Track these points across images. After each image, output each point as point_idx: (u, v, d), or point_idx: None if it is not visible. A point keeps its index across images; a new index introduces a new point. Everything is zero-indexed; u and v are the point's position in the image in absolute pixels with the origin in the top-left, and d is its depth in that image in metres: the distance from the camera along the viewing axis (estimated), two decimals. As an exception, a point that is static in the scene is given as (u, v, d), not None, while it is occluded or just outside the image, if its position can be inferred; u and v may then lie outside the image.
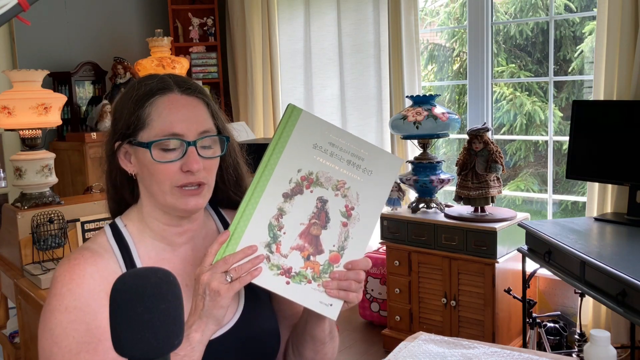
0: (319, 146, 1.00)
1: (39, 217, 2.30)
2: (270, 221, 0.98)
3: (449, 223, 3.00)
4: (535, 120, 4.21)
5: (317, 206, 1.00)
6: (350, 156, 1.01)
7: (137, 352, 0.70)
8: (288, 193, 0.99)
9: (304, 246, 0.99)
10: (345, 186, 1.01)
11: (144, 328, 0.70)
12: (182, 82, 1.08)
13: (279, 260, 0.97)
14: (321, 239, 1.00)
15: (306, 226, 0.99)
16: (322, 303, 0.98)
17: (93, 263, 1.04)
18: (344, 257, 1.00)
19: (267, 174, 0.99)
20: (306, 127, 1.00)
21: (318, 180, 1.00)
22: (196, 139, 1.04)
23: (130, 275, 0.75)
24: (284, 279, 0.97)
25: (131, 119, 1.05)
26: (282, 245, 0.98)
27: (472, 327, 2.96)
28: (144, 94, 1.05)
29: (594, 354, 1.18)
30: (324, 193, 1.00)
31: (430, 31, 4.48)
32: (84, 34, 4.02)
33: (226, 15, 4.34)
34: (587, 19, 3.87)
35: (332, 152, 1.01)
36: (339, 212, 1.01)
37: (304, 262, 0.98)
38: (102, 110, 3.76)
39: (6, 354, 2.75)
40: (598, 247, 2.34)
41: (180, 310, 0.75)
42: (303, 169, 1.00)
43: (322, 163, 1.00)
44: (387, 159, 1.03)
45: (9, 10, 0.79)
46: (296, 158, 0.99)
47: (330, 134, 1.01)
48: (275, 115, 4.22)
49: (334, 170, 1.01)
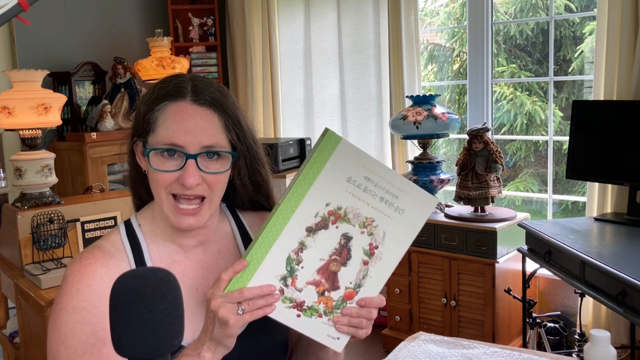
0: (352, 180, 0.93)
1: (39, 217, 2.30)
2: (290, 254, 0.93)
3: (449, 223, 3.00)
4: (536, 120, 4.21)
5: (341, 242, 0.95)
6: (385, 193, 0.95)
7: (137, 352, 0.70)
8: (312, 227, 0.93)
9: (321, 282, 0.95)
10: (374, 224, 0.95)
11: (144, 328, 0.70)
12: (199, 90, 1.03)
13: (293, 294, 0.93)
14: (339, 275, 0.95)
15: (326, 262, 0.94)
16: (330, 336, 0.96)
17: (104, 264, 1.03)
18: (359, 294, 0.96)
19: (292, 204, 0.92)
20: (343, 158, 0.92)
21: (346, 215, 0.94)
22: (198, 153, 1.00)
23: (130, 276, 0.75)
24: (295, 312, 0.94)
25: (142, 121, 1.04)
26: (298, 280, 0.93)
27: (472, 327, 2.96)
28: (157, 97, 1.03)
29: (594, 354, 1.18)
30: (350, 230, 0.94)
31: (430, 31, 4.48)
32: (84, 34, 4.02)
33: (226, 15, 4.34)
34: (587, 19, 3.87)
35: (366, 187, 0.94)
36: (362, 250, 0.95)
37: (318, 297, 0.95)
38: (102, 110, 3.76)
39: (6, 354, 2.75)
40: (598, 247, 2.34)
41: (180, 310, 0.75)
42: (332, 203, 0.93)
43: (354, 198, 0.94)
44: (422, 198, 0.97)
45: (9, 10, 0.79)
46: (326, 191, 0.93)
47: (367, 167, 0.93)
48: (276, 115, 4.22)
49: (365, 207, 0.94)
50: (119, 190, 3.29)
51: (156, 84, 1.07)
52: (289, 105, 4.25)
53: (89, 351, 0.97)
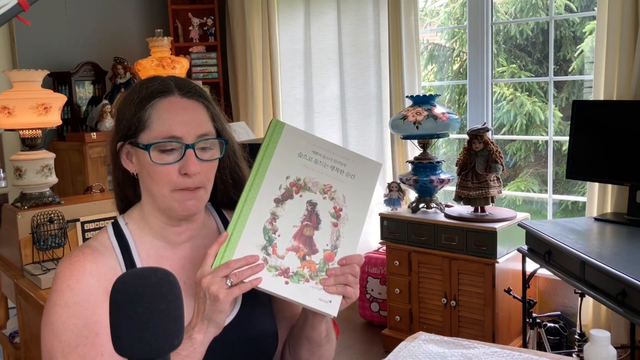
0: (303, 155, 1.07)
1: (39, 217, 2.30)
2: (265, 225, 1.02)
3: (449, 223, 3.00)
4: (536, 121, 4.21)
5: (308, 209, 1.05)
6: (333, 162, 1.08)
7: (137, 352, 0.70)
8: (279, 198, 1.04)
9: (299, 247, 1.03)
10: (332, 189, 1.07)
11: (144, 328, 0.70)
12: (183, 85, 1.09)
13: (276, 262, 1.01)
14: (314, 239, 1.04)
15: (299, 228, 1.04)
16: (322, 300, 1.01)
17: (93, 260, 1.06)
18: (338, 255, 1.05)
19: (257, 181, 1.04)
20: (290, 138, 1.07)
21: (306, 185, 1.06)
22: (195, 142, 1.05)
23: (130, 276, 0.75)
24: (283, 279, 1.00)
25: (132, 120, 1.07)
26: (278, 247, 1.02)
27: (472, 327, 2.96)
28: (146, 96, 1.07)
29: (594, 354, 1.18)
30: (313, 197, 1.06)
31: (430, 31, 4.48)
32: (84, 34, 4.02)
33: (226, 15, 4.34)
34: (587, 19, 3.87)
35: (316, 159, 1.07)
36: (329, 213, 1.06)
37: (301, 262, 1.02)
38: (102, 110, 3.76)
39: (6, 354, 2.75)
40: (598, 247, 2.34)
41: (180, 310, 0.75)
42: (291, 176, 1.06)
43: (309, 169, 1.07)
44: (367, 164, 1.10)
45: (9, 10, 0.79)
46: (284, 166, 1.05)
47: (313, 143, 1.08)
48: (276, 116, 4.22)
49: (320, 176, 1.07)
50: (119, 190, 3.28)
51: (137, 86, 1.11)
52: (289, 105, 4.25)
53: (82, 342, 1.00)
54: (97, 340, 1.00)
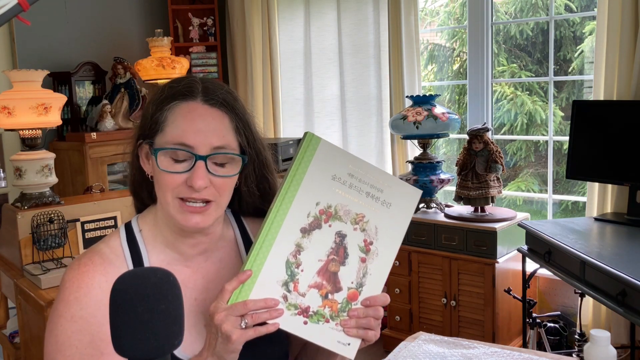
0: (337, 177, 0.96)
1: (39, 217, 2.30)
2: (288, 258, 0.94)
3: (449, 223, 3.00)
4: (536, 120, 4.21)
5: (336, 241, 0.96)
6: (370, 187, 0.97)
7: (137, 352, 0.70)
8: (306, 228, 0.95)
9: (322, 284, 0.95)
10: (364, 219, 0.97)
11: (144, 328, 0.70)
12: (210, 91, 1.01)
13: (297, 300, 0.93)
14: (339, 275, 0.96)
15: (324, 263, 0.95)
16: (340, 342, 0.95)
17: (103, 272, 1.01)
18: (362, 294, 0.96)
19: (284, 207, 0.94)
20: (325, 157, 0.96)
21: (337, 213, 0.96)
22: (208, 154, 0.98)
23: (130, 276, 0.75)
24: (302, 319, 0.94)
25: (150, 121, 1.01)
26: (299, 284, 0.94)
27: (472, 327, 2.96)
28: (168, 96, 1.01)
29: (594, 354, 1.18)
30: (343, 227, 0.96)
31: (430, 31, 4.48)
32: (84, 34, 4.02)
33: (226, 15, 4.34)
34: (587, 19, 3.87)
35: (351, 183, 0.97)
36: (358, 247, 0.97)
37: (322, 300, 0.95)
38: (102, 110, 3.76)
39: (6, 354, 2.75)
40: (598, 247, 2.34)
41: (180, 310, 0.75)
42: (322, 202, 0.96)
43: (341, 195, 0.96)
44: (406, 191, 0.99)
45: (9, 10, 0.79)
46: (315, 191, 0.95)
47: (349, 164, 0.97)
48: (276, 115, 4.22)
49: (353, 203, 0.97)
50: (119, 190, 3.29)
51: (165, 85, 1.05)
52: (289, 105, 4.25)
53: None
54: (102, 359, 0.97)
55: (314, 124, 4.12)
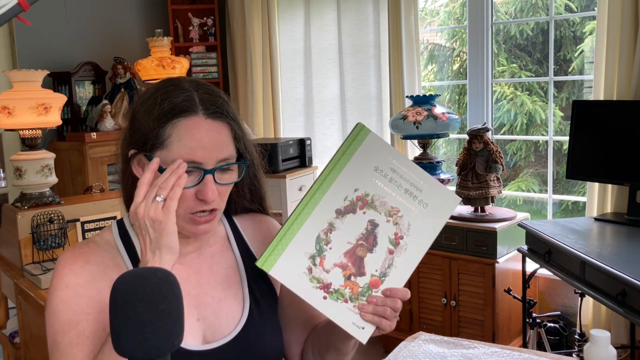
0: (379, 169, 1.00)
1: (39, 217, 2.30)
2: (319, 234, 0.98)
3: (449, 223, 2.99)
4: (536, 120, 4.21)
5: (367, 228, 1.00)
6: (409, 185, 1.01)
7: (137, 352, 0.70)
8: (341, 210, 0.99)
9: (347, 265, 0.99)
10: (399, 214, 1.01)
11: (144, 328, 0.70)
12: (209, 103, 1.02)
13: (320, 274, 0.98)
14: (365, 261, 0.99)
15: (353, 246, 0.99)
16: (355, 325, 0.98)
17: (99, 254, 1.04)
18: (385, 284, 1.00)
19: (324, 187, 0.99)
20: (371, 148, 1.00)
21: (373, 202, 1.00)
22: (215, 167, 1.00)
23: (130, 276, 0.75)
24: (322, 293, 0.97)
25: (150, 135, 1.00)
26: (325, 260, 0.98)
27: (472, 327, 2.96)
28: (167, 111, 1.00)
29: (594, 354, 1.18)
30: (376, 217, 1.00)
31: (430, 31, 4.47)
32: (84, 34, 4.02)
33: (226, 15, 4.34)
34: (587, 19, 3.87)
35: (391, 177, 1.01)
36: (388, 238, 1.00)
37: (344, 281, 0.98)
38: (102, 110, 3.76)
39: (6, 354, 2.75)
40: (598, 247, 2.34)
41: (180, 310, 0.75)
42: (360, 189, 1.00)
43: (380, 187, 1.00)
44: (445, 195, 1.02)
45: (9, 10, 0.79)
46: (355, 177, 1.00)
47: (393, 159, 1.01)
48: (276, 115, 4.22)
49: (390, 197, 1.00)
50: (119, 190, 3.26)
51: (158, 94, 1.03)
52: (289, 105, 4.25)
53: (84, 319, 0.97)
54: (101, 317, 0.97)
55: (314, 124, 4.12)
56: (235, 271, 1.13)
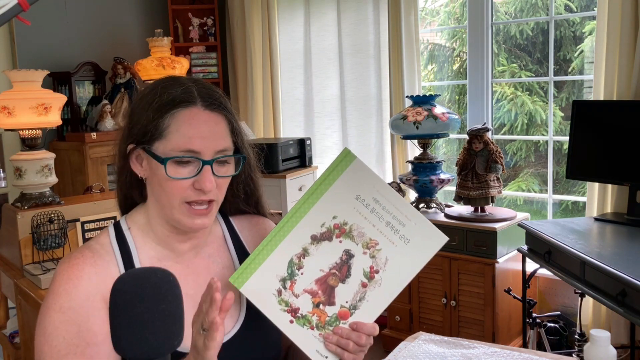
0: (361, 198, 0.97)
1: (39, 217, 2.30)
2: (292, 257, 0.97)
3: (449, 223, 3.00)
4: (536, 120, 4.21)
5: (342, 258, 0.97)
6: (392, 218, 0.97)
7: (137, 352, 0.70)
8: (317, 236, 0.97)
9: (317, 292, 0.97)
10: (377, 247, 0.97)
11: (144, 328, 0.70)
12: (207, 96, 1.04)
13: (289, 298, 0.96)
14: (336, 291, 0.97)
15: (325, 274, 0.97)
16: (318, 352, 0.97)
17: (92, 264, 1.03)
18: (353, 317, 0.98)
19: (302, 210, 0.97)
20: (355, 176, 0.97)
21: (350, 232, 0.97)
22: (213, 158, 1.01)
23: (130, 276, 0.75)
24: (289, 317, 0.96)
25: (149, 127, 1.02)
26: (296, 285, 0.97)
27: (472, 327, 2.96)
28: (166, 103, 1.02)
29: (594, 354, 1.18)
30: (353, 247, 0.97)
31: (430, 31, 4.47)
32: (84, 34, 4.01)
33: (226, 15, 4.34)
34: (587, 19, 3.87)
35: (373, 208, 0.97)
36: (362, 270, 0.97)
37: (313, 308, 0.97)
38: (102, 110, 3.76)
39: (6, 354, 2.75)
40: (598, 247, 2.34)
41: (180, 310, 0.75)
42: (339, 217, 0.97)
43: (360, 217, 0.96)
44: (431, 233, 0.97)
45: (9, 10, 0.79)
46: (335, 204, 0.96)
47: (377, 190, 0.97)
48: (276, 115, 4.22)
49: (370, 228, 0.96)
50: (119, 190, 3.28)
51: (157, 88, 1.05)
52: (289, 105, 4.25)
53: (72, 351, 0.98)
54: (88, 350, 0.98)
55: (314, 124, 4.12)
56: (232, 271, 1.13)
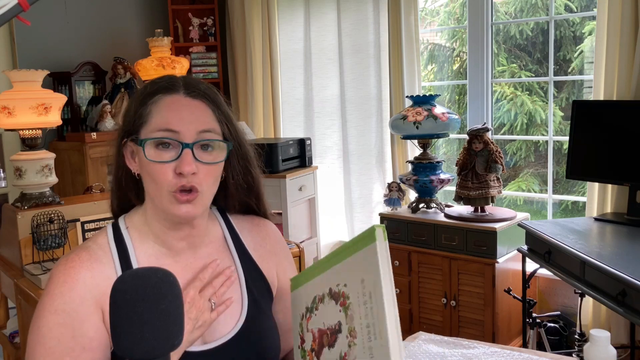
0: (363, 285, 0.86)
1: (39, 217, 2.30)
2: (316, 295, 0.98)
3: (449, 223, 3.00)
4: (536, 120, 4.21)
5: (335, 327, 0.90)
6: (372, 323, 0.83)
7: (137, 352, 0.71)
8: (331, 292, 0.93)
9: (316, 339, 0.96)
10: (354, 341, 0.86)
11: (144, 328, 0.70)
12: (191, 85, 1.06)
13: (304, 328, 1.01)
14: (323, 351, 0.93)
15: (322, 330, 0.94)
16: None
17: (89, 267, 1.03)
18: None
19: (334, 261, 0.93)
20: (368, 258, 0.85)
21: (347, 308, 0.88)
22: (194, 141, 1.01)
23: (130, 276, 0.75)
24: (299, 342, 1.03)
25: (134, 116, 1.05)
26: (310, 321, 0.99)
27: (472, 327, 2.96)
28: (150, 92, 1.05)
29: (594, 354, 1.18)
30: (343, 324, 0.89)
31: (430, 31, 4.47)
32: (84, 34, 4.01)
33: (226, 15, 4.34)
34: (587, 19, 3.87)
35: (366, 301, 0.85)
36: (340, 352, 0.88)
37: (309, 350, 0.98)
38: (102, 110, 3.76)
39: (6, 354, 2.75)
40: (598, 247, 2.34)
41: (180, 310, 0.75)
42: (347, 288, 0.89)
43: (357, 300, 0.86)
44: None
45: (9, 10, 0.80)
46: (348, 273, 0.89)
47: (376, 287, 0.82)
48: (276, 115, 4.22)
49: (357, 318, 0.86)
50: (119, 190, 3.28)
51: (146, 85, 1.09)
52: (289, 106, 4.25)
53: (66, 354, 0.98)
54: (83, 355, 0.98)
55: (314, 124, 4.12)
56: (233, 272, 1.13)
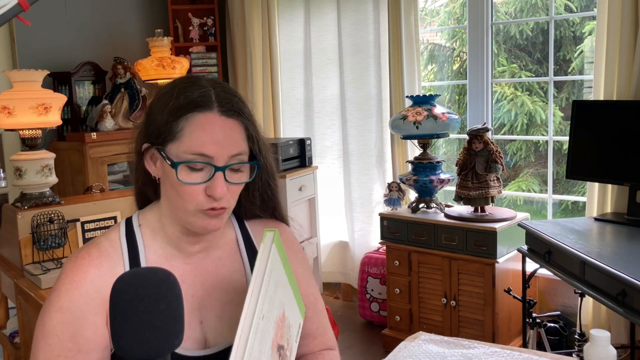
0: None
1: (39, 217, 2.30)
2: None
3: (449, 223, 3.00)
4: (536, 120, 4.21)
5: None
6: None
7: (137, 352, 0.71)
8: None
9: None
10: None
11: (144, 328, 0.70)
12: (225, 101, 1.02)
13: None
14: None
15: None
16: None
17: (97, 265, 1.03)
18: None
19: None
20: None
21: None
22: (226, 165, 1.00)
23: (130, 276, 0.75)
24: None
25: (163, 128, 1.01)
26: None
27: (472, 327, 2.96)
28: (182, 105, 1.01)
29: (594, 354, 1.18)
30: None
31: (430, 31, 4.48)
32: (84, 34, 4.01)
33: (226, 15, 4.34)
34: (587, 19, 3.87)
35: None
36: None
37: None
38: (102, 110, 3.75)
39: (6, 354, 2.75)
40: (598, 247, 2.34)
41: (180, 310, 0.75)
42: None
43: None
44: None
45: (9, 10, 0.79)
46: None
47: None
48: (276, 115, 4.22)
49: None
50: (119, 190, 3.29)
51: (175, 87, 1.04)
52: (289, 105, 4.25)
53: (64, 354, 0.98)
54: (78, 357, 0.98)
55: (314, 124, 4.12)
56: (242, 276, 1.12)
